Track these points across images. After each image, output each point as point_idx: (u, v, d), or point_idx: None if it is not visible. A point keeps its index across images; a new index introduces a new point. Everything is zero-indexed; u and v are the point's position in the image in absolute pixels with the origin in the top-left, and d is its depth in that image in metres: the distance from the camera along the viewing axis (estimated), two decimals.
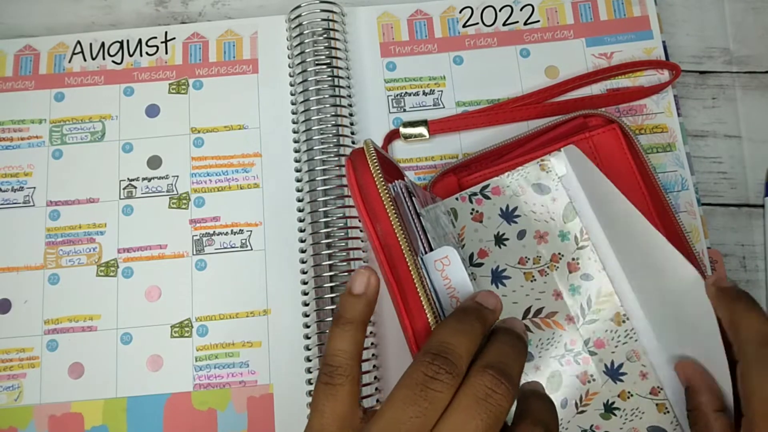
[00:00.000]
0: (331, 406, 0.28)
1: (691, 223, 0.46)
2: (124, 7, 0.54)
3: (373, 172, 0.31)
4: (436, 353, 0.27)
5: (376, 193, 0.31)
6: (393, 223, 0.30)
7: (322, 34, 0.49)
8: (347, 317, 0.30)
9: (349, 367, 0.29)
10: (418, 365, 0.27)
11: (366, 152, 0.32)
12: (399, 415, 0.26)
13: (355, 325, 0.30)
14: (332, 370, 0.29)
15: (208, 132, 0.49)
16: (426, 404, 0.26)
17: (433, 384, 0.26)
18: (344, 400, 0.28)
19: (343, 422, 0.28)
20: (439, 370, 0.27)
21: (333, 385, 0.28)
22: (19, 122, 0.50)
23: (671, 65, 0.49)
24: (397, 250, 0.30)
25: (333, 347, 0.29)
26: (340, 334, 0.30)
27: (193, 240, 0.47)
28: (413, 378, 0.27)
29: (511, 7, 0.52)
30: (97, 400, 0.44)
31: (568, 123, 0.46)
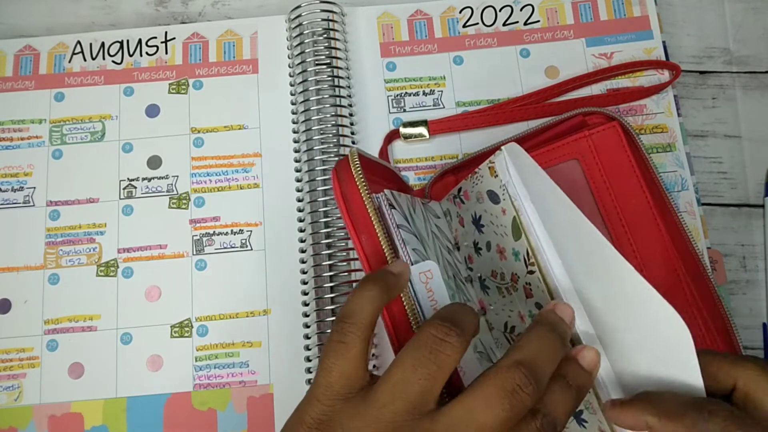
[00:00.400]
0: (340, 364, 0.28)
1: (691, 223, 0.46)
2: (124, 7, 0.54)
3: (358, 183, 0.31)
4: (445, 317, 0.27)
5: (361, 205, 0.31)
6: (379, 234, 0.31)
7: (322, 34, 0.49)
8: (375, 279, 0.29)
9: (364, 327, 0.28)
10: (427, 328, 0.27)
11: (351, 162, 0.32)
12: (407, 376, 0.26)
13: (378, 289, 0.29)
14: (346, 328, 0.28)
15: (208, 132, 0.49)
16: (434, 367, 0.26)
17: (442, 346, 0.26)
18: (353, 360, 0.28)
19: (350, 382, 0.28)
20: (449, 332, 0.27)
21: (345, 343, 0.28)
22: (19, 122, 0.50)
23: (671, 65, 0.49)
24: (383, 261, 0.31)
25: (351, 307, 0.29)
26: (362, 295, 0.29)
27: (193, 240, 0.47)
28: (422, 340, 0.27)
29: (511, 7, 0.52)
30: (97, 400, 0.44)
31: (567, 122, 0.46)
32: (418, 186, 0.48)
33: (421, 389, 0.26)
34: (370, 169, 0.38)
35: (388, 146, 0.49)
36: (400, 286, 0.30)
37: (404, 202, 0.37)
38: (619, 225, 0.43)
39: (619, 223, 0.43)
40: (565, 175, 0.44)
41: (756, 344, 0.46)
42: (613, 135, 0.44)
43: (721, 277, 0.46)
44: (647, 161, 0.44)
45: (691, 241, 0.42)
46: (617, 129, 0.44)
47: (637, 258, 0.42)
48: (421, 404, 0.26)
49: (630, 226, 0.42)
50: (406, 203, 0.37)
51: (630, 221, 0.42)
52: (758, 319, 0.46)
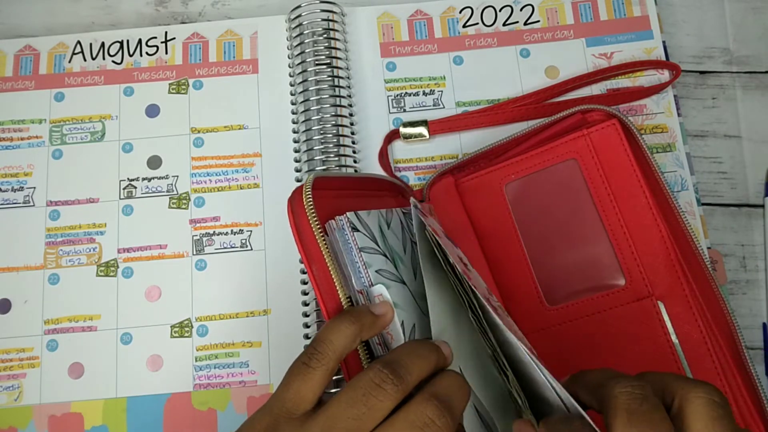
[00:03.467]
0: (297, 383, 0.29)
1: (691, 223, 0.46)
2: (124, 7, 0.54)
3: (309, 217, 0.33)
4: (388, 363, 0.29)
5: (311, 236, 0.33)
6: (328, 265, 0.33)
7: (322, 34, 0.49)
8: (354, 318, 0.31)
9: (329, 359, 0.29)
10: (368, 371, 0.28)
11: (303, 194, 0.33)
12: (339, 413, 0.28)
13: (356, 328, 0.31)
14: (314, 354, 0.29)
15: (208, 132, 0.49)
16: (365, 409, 0.27)
17: (377, 391, 0.28)
18: (310, 385, 0.29)
19: (299, 403, 0.29)
20: (386, 379, 0.28)
21: (309, 367, 0.29)
22: (19, 122, 0.50)
23: (671, 65, 0.49)
24: (332, 289, 0.32)
25: (326, 336, 0.30)
26: (338, 328, 0.30)
27: (193, 240, 0.47)
28: (360, 382, 0.28)
29: (511, 7, 0.52)
30: (97, 400, 0.44)
31: (565, 120, 0.45)
32: (417, 186, 0.48)
33: (347, 427, 0.27)
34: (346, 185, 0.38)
35: (388, 146, 0.49)
36: (378, 326, 0.32)
37: (374, 221, 0.36)
38: (618, 226, 0.42)
39: (617, 225, 0.42)
40: (562, 176, 0.44)
41: (756, 344, 0.46)
42: (612, 133, 0.43)
43: (721, 277, 0.46)
44: (649, 159, 0.43)
45: (694, 240, 0.42)
46: (616, 127, 0.43)
47: (637, 260, 0.42)
48: None
49: (629, 228, 0.42)
50: (377, 221, 0.37)
51: (629, 222, 0.42)
52: (758, 319, 0.46)
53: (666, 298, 0.41)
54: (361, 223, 0.35)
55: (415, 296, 0.36)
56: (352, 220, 0.34)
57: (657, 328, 0.41)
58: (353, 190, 0.40)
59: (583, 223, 0.43)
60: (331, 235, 0.35)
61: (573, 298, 0.42)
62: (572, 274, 0.43)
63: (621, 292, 0.42)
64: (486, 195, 0.45)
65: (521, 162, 0.45)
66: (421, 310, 0.36)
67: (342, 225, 0.34)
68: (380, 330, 0.32)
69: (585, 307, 0.42)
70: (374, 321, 0.31)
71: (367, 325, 0.31)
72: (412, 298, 0.35)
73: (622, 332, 0.41)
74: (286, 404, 0.29)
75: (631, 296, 0.42)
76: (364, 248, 0.34)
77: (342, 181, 0.39)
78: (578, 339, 0.42)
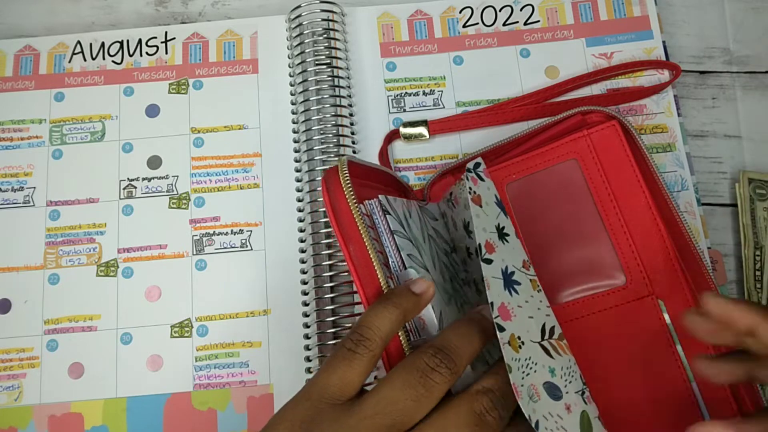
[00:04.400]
0: (343, 369, 0.28)
1: (691, 223, 0.46)
2: (124, 7, 0.54)
3: (347, 194, 0.32)
4: (440, 348, 0.28)
5: (349, 215, 0.31)
6: (366, 244, 0.31)
7: (322, 34, 0.49)
8: (396, 301, 0.30)
9: (376, 345, 0.29)
10: (420, 354, 0.28)
11: (339, 172, 0.32)
12: (396, 394, 0.27)
13: (400, 312, 0.30)
14: (360, 341, 0.29)
15: (208, 132, 0.49)
16: (423, 390, 0.27)
17: (433, 374, 0.27)
18: (356, 371, 0.29)
19: (344, 389, 0.28)
20: (440, 364, 0.28)
21: (355, 353, 0.29)
22: (19, 122, 0.50)
23: (671, 65, 0.49)
24: (371, 271, 0.31)
25: (370, 320, 0.29)
26: (383, 312, 0.29)
27: (193, 240, 0.47)
28: (415, 365, 0.28)
29: (511, 7, 0.52)
30: (97, 400, 0.44)
31: (566, 121, 0.46)
32: (418, 186, 0.48)
33: (405, 409, 0.27)
34: (366, 175, 0.38)
35: (388, 146, 0.49)
36: (420, 306, 0.31)
37: (399, 207, 0.36)
38: (618, 225, 0.42)
39: (618, 224, 0.42)
40: (563, 176, 0.44)
41: None
42: (612, 134, 0.44)
43: (721, 278, 0.46)
44: (648, 160, 0.43)
45: (693, 240, 0.42)
46: (616, 128, 0.44)
47: (637, 259, 0.42)
48: (401, 424, 0.27)
49: (630, 227, 0.42)
50: (402, 208, 0.37)
51: (629, 222, 0.42)
52: None
53: (666, 297, 0.41)
54: (391, 207, 0.35)
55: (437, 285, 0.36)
56: (383, 203, 0.34)
57: (657, 327, 0.41)
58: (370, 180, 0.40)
59: (583, 223, 0.43)
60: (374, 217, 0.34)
61: (574, 297, 0.43)
62: (573, 273, 0.43)
63: (621, 291, 0.42)
64: None
65: (522, 162, 0.45)
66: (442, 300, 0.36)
67: (372, 209, 0.34)
68: (422, 310, 0.31)
69: (586, 305, 0.42)
70: (417, 301, 0.31)
71: (409, 306, 0.30)
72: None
73: (622, 330, 0.41)
74: (329, 390, 0.28)
75: (632, 295, 0.42)
76: (396, 231, 0.33)
77: (366, 169, 0.38)
78: (579, 337, 0.42)
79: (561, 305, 0.43)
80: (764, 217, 0.48)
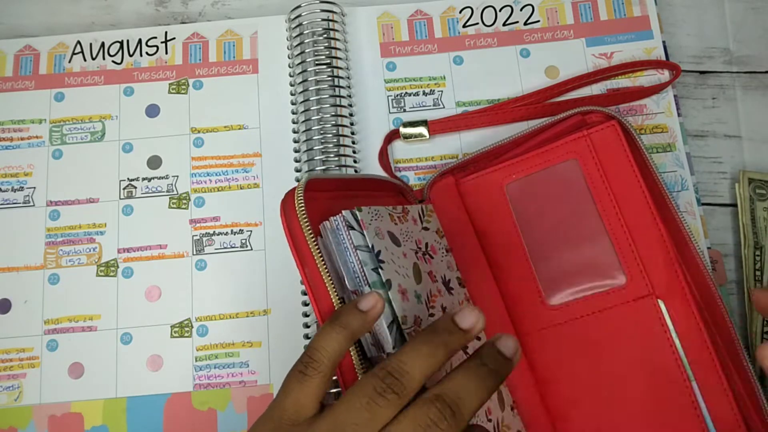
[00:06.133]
0: (295, 392, 0.29)
1: (691, 223, 0.46)
2: (124, 7, 0.54)
3: (300, 218, 0.33)
4: (390, 372, 0.28)
5: (303, 239, 0.33)
6: (320, 268, 0.32)
7: (322, 34, 0.49)
8: (343, 322, 0.31)
9: (325, 367, 0.30)
10: (370, 378, 0.29)
11: (294, 196, 0.33)
12: (343, 418, 0.28)
13: (347, 333, 0.31)
14: (310, 363, 0.30)
15: (208, 132, 0.49)
16: (368, 415, 0.28)
17: (378, 400, 0.28)
18: (309, 392, 0.29)
19: (300, 410, 0.29)
20: (387, 389, 0.28)
21: (305, 374, 0.30)
22: (19, 122, 0.50)
23: (671, 65, 0.49)
24: (325, 293, 0.32)
25: (318, 343, 0.30)
26: (330, 334, 0.30)
27: (193, 240, 0.47)
28: (363, 389, 0.28)
29: (511, 7, 0.52)
30: (97, 400, 0.44)
31: (565, 121, 0.45)
32: (417, 186, 0.48)
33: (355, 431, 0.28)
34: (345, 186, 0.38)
35: (388, 146, 0.49)
36: (368, 323, 0.32)
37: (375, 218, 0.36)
38: (618, 225, 0.42)
39: (617, 224, 0.42)
40: (563, 176, 0.44)
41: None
42: (612, 134, 0.44)
43: (721, 277, 0.46)
44: (647, 161, 0.43)
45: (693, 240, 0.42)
46: (616, 128, 0.44)
47: (637, 259, 0.42)
48: None
49: (629, 227, 0.42)
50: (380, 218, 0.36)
51: (629, 222, 0.42)
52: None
53: (666, 297, 0.41)
54: (357, 221, 0.35)
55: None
56: (347, 218, 0.34)
57: (657, 326, 0.41)
58: (351, 190, 0.40)
59: (583, 222, 0.43)
60: (325, 237, 0.35)
61: (574, 296, 0.43)
62: (573, 273, 0.43)
63: (621, 291, 0.42)
64: (487, 195, 0.45)
65: (522, 162, 0.45)
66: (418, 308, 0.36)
67: (337, 225, 0.34)
68: (371, 325, 0.32)
69: (586, 306, 0.42)
70: (363, 319, 0.31)
71: (357, 325, 0.31)
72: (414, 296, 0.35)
73: (623, 330, 0.41)
74: (286, 413, 0.29)
75: (632, 294, 0.42)
76: (359, 246, 0.34)
77: (338, 182, 0.39)
78: (580, 338, 0.42)
79: (562, 305, 0.43)
80: (764, 217, 0.48)
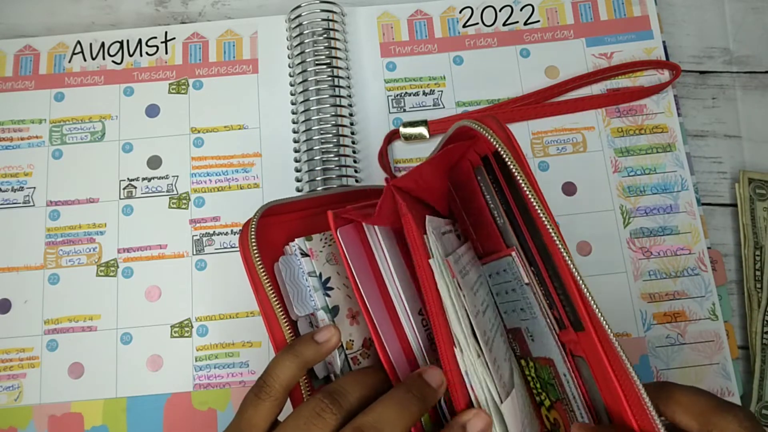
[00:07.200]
0: (249, 413, 0.31)
1: (691, 223, 0.46)
2: (124, 7, 0.54)
3: (251, 248, 0.34)
4: (329, 392, 0.31)
5: (253, 268, 0.34)
6: (269, 296, 0.34)
7: (322, 34, 0.49)
8: (297, 351, 0.32)
9: (276, 391, 0.31)
10: (311, 400, 0.30)
11: (249, 227, 0.34)
12: None
13: (300, 361, 0.32)
14: (263, 387, 0.32)
15: (208, 132, 0.49)
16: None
17: (317, 420, 0.30)
18: (261, 414, 0.31)
19: (253, 430, 0.31)
20: (326, 408, 0.30)
21: (258, 398, 0.31)
22: (19, 122, 0.50)
23: (671, 65, 0.49)
24: (273, 316, 0.34)
25: (273, 370, 0.32)
26: (283, 363, 0.32)
27: (193, 240, 0.47)
28: (303, 411, 0.30)
29: (511, 7, 0.52)
30: (97, 400, 0.44)
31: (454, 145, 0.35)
32: None
33: None
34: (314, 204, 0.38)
35: (388, 146, 0.49)
36: (322, 354, 0.33)
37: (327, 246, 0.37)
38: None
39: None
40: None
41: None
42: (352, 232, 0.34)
43: (721, 278, 0.46)
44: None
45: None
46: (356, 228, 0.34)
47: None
48: None
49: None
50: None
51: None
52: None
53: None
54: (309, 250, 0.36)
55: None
56: (300, 245, 0.35)
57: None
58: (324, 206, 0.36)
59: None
60: (285, 260, 0.36)
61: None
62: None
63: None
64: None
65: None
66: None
67: (294, 251, 0.35)
68: (324, 356, 0.33)
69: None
70: (318, 349, 0.33)
71: (310, 355, 0.33)
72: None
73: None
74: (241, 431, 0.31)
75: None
76: (311, 272, 0.35)
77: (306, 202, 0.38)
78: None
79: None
80: (764, 217, 0.48)
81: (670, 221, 0.47)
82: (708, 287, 0.45)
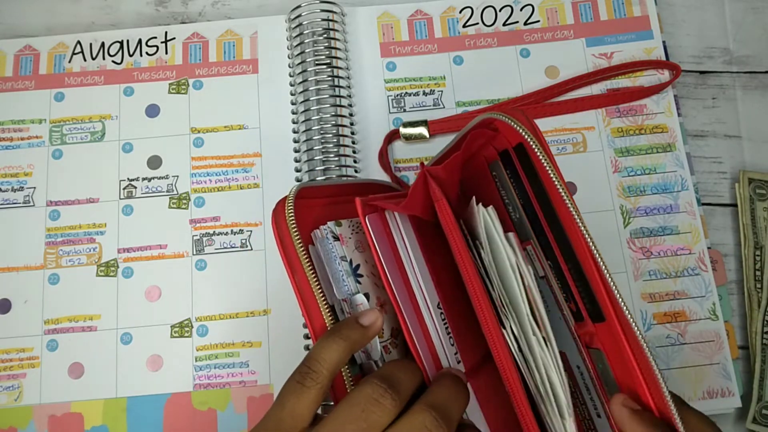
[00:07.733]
0: (292, 402, 0.29)
1: (691, 223, 0.46)
2: (124, 7, 0.54)
3: (289, 226, 0.33)
4: (384, 377, 0.29)
5: (292, 248, 0.33)
6: (309, 277, 0.33)
7: (322, 34, 0.49)
8: (343, 334, 0.31)
9: (323, 377, 0.30)
10: (365, 386, 0.29)
11: (285, 204, 0.33)
12: (338, 428, 0.28)
13: (347, 344, 0.31)
14: (309, 373, 0.30)
15: (208, 132, 0.49)
16: (365, 425, 0.28)
17: (375, 406, 0.28)
18: (305, 403, 0.29)
19: (296, 421, 0.29)
20: (384, 394, 0.28)
21: (303, 385, 0.29)
22: (19, 122, 0.50)
23: (671, 65, 0.49)
24: (314, 302, 0.32)
25: (317, 353, 0.30)
26: (330, 345, 0.30)
27: (193, 240, 0.47)
28: (359, 397, 0.28)
29: (511, 7, 0.52)
30: (97, 400, 0.44)
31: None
32: None
33: None
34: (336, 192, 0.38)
35: (388, 146, 0.49)
36: (368, 337, 0.32)
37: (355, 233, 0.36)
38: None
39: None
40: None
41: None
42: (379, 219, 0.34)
43: (721, 278, 0.46)
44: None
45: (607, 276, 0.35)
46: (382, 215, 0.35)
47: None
48: None
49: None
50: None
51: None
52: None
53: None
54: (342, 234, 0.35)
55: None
56: (332, 229, 0.35)
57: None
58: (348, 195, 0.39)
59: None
60: (316, 245, 0.35)
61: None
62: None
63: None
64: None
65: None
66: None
67: (326, 234, 0.35)
68: (370, 340, 0.32)
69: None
70: (363, 333, 0.32)
71: (357, 339, 0.31)
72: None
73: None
74: (282, 424, 0.29)
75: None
76: (343, 257, 0.34)
77: (333, 188, 0.38)
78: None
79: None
80: (764, 217, 0.48)
81: (670, 221, 0.47)
82: (708, 287, 0.45)
